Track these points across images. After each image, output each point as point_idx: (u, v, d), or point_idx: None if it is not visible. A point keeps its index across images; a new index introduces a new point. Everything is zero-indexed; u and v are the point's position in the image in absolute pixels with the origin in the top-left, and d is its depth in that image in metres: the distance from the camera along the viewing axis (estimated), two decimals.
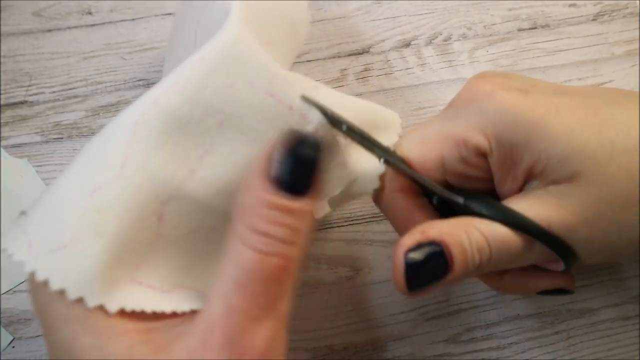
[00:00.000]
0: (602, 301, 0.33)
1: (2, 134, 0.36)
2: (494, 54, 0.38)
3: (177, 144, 0.20)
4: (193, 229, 0.21)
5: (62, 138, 0.36)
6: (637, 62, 0.37)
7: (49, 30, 0.38)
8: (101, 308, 0.19)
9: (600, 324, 0.32)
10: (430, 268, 0.22)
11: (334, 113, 0.21)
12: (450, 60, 0.38)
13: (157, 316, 0.20)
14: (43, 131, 0.36)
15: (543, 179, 0.23)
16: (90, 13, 0.39)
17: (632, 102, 0.23)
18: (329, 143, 0.21)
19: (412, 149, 0.25)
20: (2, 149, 0.35)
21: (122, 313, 0.19)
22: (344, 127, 0.21)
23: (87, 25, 0.39)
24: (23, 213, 0.20)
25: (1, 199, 0.34)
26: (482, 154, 0.24)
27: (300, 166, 0.18)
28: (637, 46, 0.38)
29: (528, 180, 0.24)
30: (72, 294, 0.18)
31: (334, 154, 0.22)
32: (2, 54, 0.38)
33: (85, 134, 0.36)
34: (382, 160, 0.23)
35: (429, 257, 0.22)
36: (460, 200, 0.24)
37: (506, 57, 0.38)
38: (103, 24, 0.39)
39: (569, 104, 0.23)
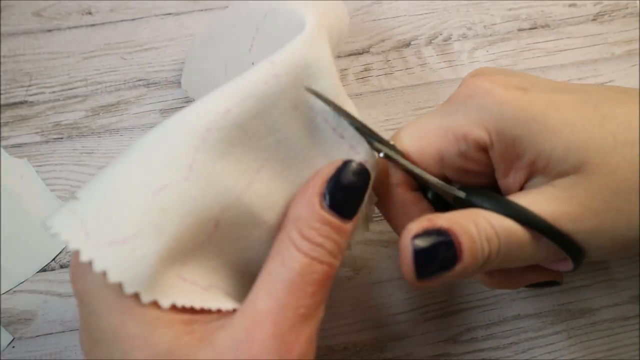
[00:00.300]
0: (602, 301, 0.33)
1: (2, 134, 0.36)
2: (494, 54, 0.38)
3: (240, 155, 0.22)
4: (240, 236, 0.22)
5: (62, 138, 0.36)
6: (637, 62, 0.37)
7: (49, 30, 0.38)
8: (154, 303, 0.19)
9: (600, 324, 0.32)
10: (439, 257, 0.21)
11: (337, 106, 0.23)
12: (450, 60, 0.38)
13: (198, 311, 0.20)
14: (43, 131, 0.36)
15: (547, 173, 0.23)
16: (90, 13, 0.39)
17: (631, 100, 0.23)
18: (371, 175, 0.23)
19: (410, 142, 0.25)
20: (2, 149, 0.35)
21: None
22: (349, 121, 0.23)
23: (87, 25, 0.39)
24: (74, 197, 0.21)
25: (1, 199, 0.34)
26: (482, 148, 0.24)
27: (351, 194, 0.22)
28: (637, 46, 0.38)
29: (531, 177, 0.24)
30: (129, 289, 0.19)
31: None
32: (2, 54, 0.38)
33: (85, 134, 0.36)
34: (382, 153, 0.24)
35: (437, 245, 0.21)
36: (461, 194, 0.24)
37: (506, 57, 0.38)
38: (103, 24, 0.39)
39: (569, 100, 0.23)
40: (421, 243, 0.21)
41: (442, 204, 0.25)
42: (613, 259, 0.33)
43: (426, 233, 0.22)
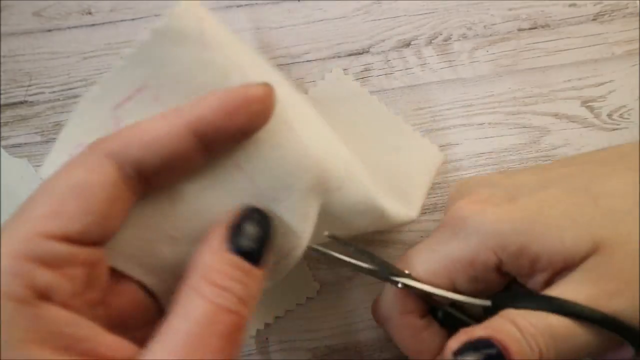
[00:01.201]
0: None
1: (2, 134, 0.36)
2: (494, 54, 0.38)
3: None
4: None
5: None
6: (637, 62, 0.37)
7: (49, 30, 0.38)
8: (25, 336, 0.16)
9: None
10: None
11: (358, 248, 0.23)
12: (450, 60, 0.38)
13: (86, 351, 0.18)
14: (43, 131, 0.36)
15: (569, 266, 0.22)
16: (90, 13, 0.39)
17: (615, 169, 0.24)
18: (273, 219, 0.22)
19: (423, 274, 0.25)
20: (2, 149, 0.35)
21: (46, 342, 0.17)
22: (368, 259, 0.24)
23: (87, 25, 0.39)
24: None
25: (1, 199, 0.34)
26: (492, 269, 0.24)
27: (256, 239, 0.20)
28: (637, 46, 0.38)
29: (556, 275, 0.23)
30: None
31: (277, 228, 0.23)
32: (2, 54, 0.38)
33: None
34: (399, 284, 0.24)
35: (484, 357, 0.20)
36: (487, 303, 0.23)
37: (506, 57, 0.38)
38: (103, 24, 0.39)
39: (557, 194, 0.23)
40: (467, 357, 0.20)
41: (454, 324, 0.25)
42: None
43: (466, 347, 0.21)
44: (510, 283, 0.25)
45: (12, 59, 0.38)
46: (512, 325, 0.21)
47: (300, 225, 0.23)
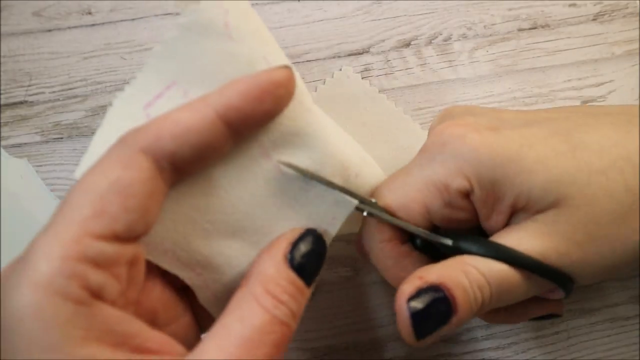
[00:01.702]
0: (602, 301, 0.33)
1: (2, 134, 0.36)
2: (494, 54, 0.38)
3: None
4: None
5: (62, 138, 0.36)
6: (637, 62, 0.37)
7: (49, 30, 0.38)
8: (84, 334, 0.17)
9: (600, 324, 0.32)
10: (435, 314, 0.22)
11: (314, 175, 0.23)
12: (450, 60, 0.38)
13: (137, 347, 0.18)
14: (43, 131, 0.36)
15: (527, 210, 0.23)
16: (90, 13, 0.39)
17: (599, 123, 0.24)
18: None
19: (394, 199, 0.25)
20: (2, 149, 0.35)
21: (103, 339, 0.18)
22: (327, 186, 0.23)
23: (87, 25, 0.39)
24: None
25: (1, 199, 0.34)
26: (465, 196, 0.24)
27: (313, 261, 0.22)
28: (637, 46, 0.38)
29: (514, 214, 0.24)
30: None
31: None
32: (2, 54, 0.38)
33: (85, 134, 0.36)
34: (365, 212, 0.24)
35: (432, 304, 0.22)
36: (448, 242, 0.24)
37: (506, 57, 0.38)
38: (103, 24, 0.39)
39: (539, 134, 0.23)
40: (417, 304, 0.22)
41: (433, 250, 0.25)
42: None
43: (419, 292, 0.22)
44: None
45: (12, 59, 0.38)
46: (463, 274, 0.22)
47: (330, 212, 0.24)
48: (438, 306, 0.22)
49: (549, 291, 0.24)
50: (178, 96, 0.21)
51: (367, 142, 0.30)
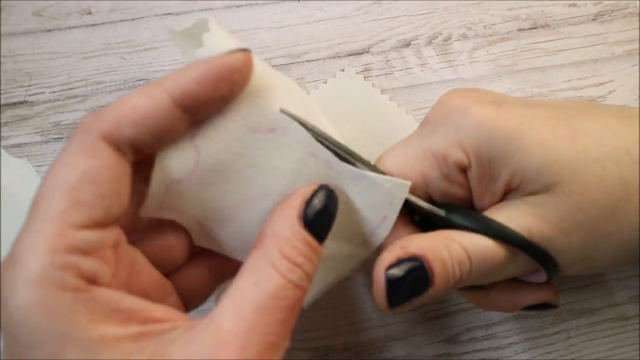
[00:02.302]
0: (602, 301, 0.33)
1: (2, 134, 0.36)
2: (494, 54, 0.38)
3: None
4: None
5: (62, 138, 0.36)
6: (637, 62, 0.37)
7: (49, 30, 0.38)
8: (96, 320, 0.18)
9: (600, 324, 0.32)
10: (410, 283, 0.22)
11: (314, 127, 0.22)
12: (450, 60, 0.38)
13: (145, 319, 0.19)
14: (43, 131, 0.36)
15: (521, 191, 0.23)
16: (90, 13, 0.39)
17: (603, 113, 0.24)
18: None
19: (393, 166, 0.25)
20: (2, 149, 0.35)
21: (109, 319, 0.18)
22: (326, 143, 0.23)
23: (87, 25, 0.39)
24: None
25: (1, 199, 0.34)
26: (463, 170, 0.24)
27: (326, 217, 0.22)
28: (637, 46, 0.38)
29: (506, 194, 0.24)
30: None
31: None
32: (2, 54, 0.38)
33: None
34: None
35: (409, 272, 0.22)
36: (441, 212, 0.24)
37: (506, 57, 0.38)
38: (103, 24, 0.39)
39: (541, 115, 0.23)
40: (394, 273, 0.22)
41: (430, 226, 0.25)
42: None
43: (399, 262, 0.22)
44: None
45: (12, 59, 0.38)
46: (444, 248, 0.22)
47: (387, 198, 0.24)
48: (415, 277, 0.22)
49: (531, 273, 0.24)
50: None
51: (368, 142, 0.30)
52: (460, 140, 0.23)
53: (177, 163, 0.21)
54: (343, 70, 0.37)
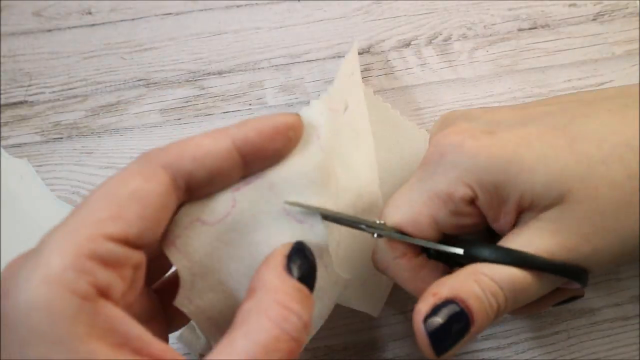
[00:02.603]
0: (602, 301, 0.33)
1: (2, 134, 0.36)
2: (494, 54, 0.38)
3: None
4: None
5: (62, 138, 0.36)
6: (637, 62, 0.37)
7: (49, 30, 0.38)
8: (95, 335, 0.18)
9: (600, 324, 0.32)
10: (453, 328, 0.22)
11: (319, 209, 0.23)
12: (450, 60, 0.38)
13: (139, 350, 0.18)
14: (43, 131, 0.36)
15: (533, 209, 0.23)
16: (90, 13, 0.39)
17: (597, 111, 0.24)
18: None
19: (402, 217, 0.25)
20: (2, 149, 0.35)
21: (105, 338, 0.18)
22: (332, 219, 0.23)
23: (87, 25, 0.39)
24: None
25: (1, 199, 0.34)
26: (470, 202, 0.24)
27: (308, 269, 0.22)
28: (637, 46, 0.38)
29: (521, 213, 0.24)
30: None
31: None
32: (2, 54, 0.38)
33: (85, 134, 0.36)
34: (375, 234, 0.25)
35: (449, 320, 0.22)
36: (459, 251, 0.24)
37: (506, 57, 0.38)
38: (103, 24, 0.39)
39: (536, 131, 0.23)
40: (434, 322, 0.22)
41: (447, 256, 0.26)
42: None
43: (435, 309, 0.22)
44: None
45: (12, 59, 0.38)
46: (475, 284, 0.22)
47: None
48: (455, 320, 0.22)
49: (565, 284, 0.24)
50: (264, 188, 0.23)
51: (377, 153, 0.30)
52: (461, 176, 0.23)
53: (212, 205, 0.22)
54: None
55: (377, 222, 0.25)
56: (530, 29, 0.39)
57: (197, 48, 0.38)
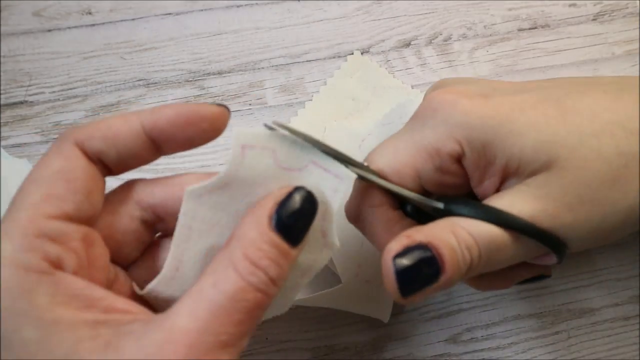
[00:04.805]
0: (602, 301, 0.33)
1: (2, 134, 0.36)
2: (494, 54, 0.38)
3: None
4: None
5: None
6: (637, 62, 0.37)
7: (49, 30, 0.38)
8: (58, 302, 0.18)
9: (600, 324, 0.32)
10: (421, 272, 0.21)
11: (307, 135, 0.22)
12: (450, 60, 0.38)
13: (106, 308, 0.19)
14: (43, 131, 0.36)
15: (520, 174, 0.23)
16: (90, 13, 0.39)
17: (591, 89, 0.24)
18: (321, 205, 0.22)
19: (386, 163, 0.25)
20: (2, 149, 0.35)
21: (69, 303, 0.19)
22: (320, 147, 0.22)
23: (87, 25, 0.39)
24: None
25: (1, 199, 0.34)
26: (456, 160, 0.24)
27: (300, 219, 0.21)
28: (637, 46, 0.38)
29: (505, 179, 0.24)
30: None
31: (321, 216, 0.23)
32: (2, 54, 0.38)
33: None
34: (356, 175, 0.23)
35: (419, 262, 0.21)
36: (440, 205, 0.24)
37: (506, 57, 0.38)
38: (103, 24, 0.39)
39: (530, 100, 0.23)
40: (403, 262, 0.21)
41: (424, 217, 0.25)
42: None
43: (406, 250, 0.21)
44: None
45: (12, 59, 0.38)
46: (451, 234, 0.22)
47: (332, 185, 0.23)
48: (425, 265, 0.21)
49: (541, 257, 0.24)
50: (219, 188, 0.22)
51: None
52: (451, 132, 0.23)
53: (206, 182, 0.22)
54: (352, 53, 0.37)
55: (363, 163, 0.24)
56: (530, 29, 0.39)
57: (197, 48, 0.38)
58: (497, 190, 0.24)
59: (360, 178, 0.24)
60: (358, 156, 0.27)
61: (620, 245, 0.33)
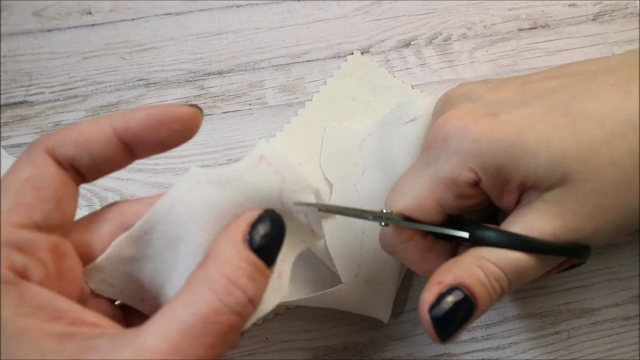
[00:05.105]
0: (602, 301, 0.33)
1: (2, 134, 0.36)
2: (494, 54, 0.38)
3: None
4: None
5: None
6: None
7: (49, 30, 0.38)
8: (15, 311, 0.18)
9: (600, 324, 0.32)
10: (457, 314, 0.22)
11: (323, 205, 0.23)
12: (450, 60, 0.38)
13: (74, 321, 0.19)
14: (43, 131, 0.36)
15: (537, 189, 0.23)
16: (90, 13, 0.39)
17: (601, 87, 0.24)
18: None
19: (407, 203, 0.25)
20: (2, 149, 0.35)
21: (35, 314, 0.18)
22: (340, 211, 0.24)
23: (87, 25, 0.39)
24: None
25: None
26: (474, 185, 0.24)
27: (272, 240, 0.21)
28: (637, 46, 0.38)
29: (524, 191, 0.24)
30: None
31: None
32: (2, 54, 0.38)
33: None
34: (382, 223, 0.25)
35: (454, 308, 0.22)
36: (465, 235, 0.25)
37: (506, 57, 0.38)
38: (103, 24, 0.39)
39: (538, 112, 0.23)
40: (440, 311, 0.22)
41: (453, 236, 0.26)
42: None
43: (440, 297, 0.22)
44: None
45: (12, 59, 0.38)
46: (479, 269, 0.23)
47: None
48: (460, 306, 0.22)
49: (566, 261, 0.25)
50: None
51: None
52: (465, 161, 0.24)
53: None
54: (352, 53, 0.37)
55: (383, 211, 0.25)
56: (530, 29, 0.39)
57: (197, 48, 0.38)
58: (517, 201, 0.25)
59: (386, 225, 0.25)
60: (358, 156, 0.27)
61: (620, 245, 0.33)
